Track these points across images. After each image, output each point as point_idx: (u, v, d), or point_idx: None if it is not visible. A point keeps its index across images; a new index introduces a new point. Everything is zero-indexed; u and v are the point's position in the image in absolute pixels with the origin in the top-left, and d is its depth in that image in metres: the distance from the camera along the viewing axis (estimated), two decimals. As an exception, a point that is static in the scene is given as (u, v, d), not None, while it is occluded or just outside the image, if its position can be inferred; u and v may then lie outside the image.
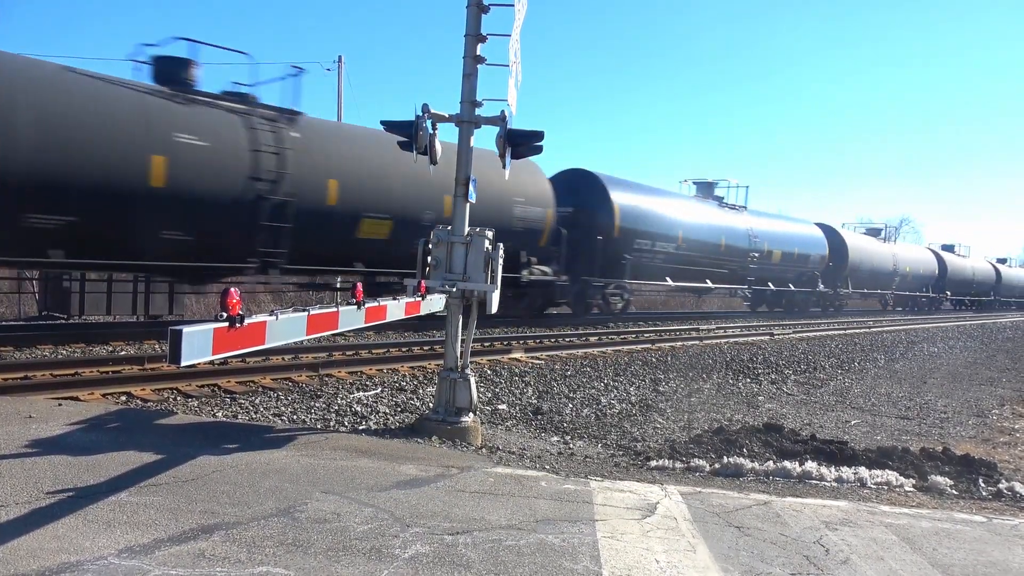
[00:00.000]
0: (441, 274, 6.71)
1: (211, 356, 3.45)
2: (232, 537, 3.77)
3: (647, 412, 9.21)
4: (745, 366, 13.87)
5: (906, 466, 6.44)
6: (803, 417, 9.60)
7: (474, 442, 6.54)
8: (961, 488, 6.03)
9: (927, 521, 4.94)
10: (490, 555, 3.76)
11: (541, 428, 7.93)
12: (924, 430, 9.22)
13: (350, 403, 8.15)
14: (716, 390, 11.30)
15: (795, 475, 6.05)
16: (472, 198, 6.79)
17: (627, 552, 3.95)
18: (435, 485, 4.95)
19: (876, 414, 10.18)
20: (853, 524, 4.73)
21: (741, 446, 6.91)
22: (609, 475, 5.75)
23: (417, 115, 6.52)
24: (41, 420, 5.95)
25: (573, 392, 10.06)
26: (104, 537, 3.65)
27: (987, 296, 53.80)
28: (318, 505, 4.35)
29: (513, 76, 6.71)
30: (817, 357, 16.13)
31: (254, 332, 3.76)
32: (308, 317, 4.33)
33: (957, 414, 10.53)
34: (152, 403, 7.60)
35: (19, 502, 4.07)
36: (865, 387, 12.63)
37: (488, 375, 10.62)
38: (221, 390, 8.36)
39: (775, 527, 4.56)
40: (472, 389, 6.72)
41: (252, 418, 7.28)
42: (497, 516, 4.38)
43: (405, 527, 4.08)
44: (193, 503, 4.23)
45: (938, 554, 4.27)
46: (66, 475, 4.59)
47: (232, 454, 5.33)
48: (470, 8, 6.59)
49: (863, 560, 4.09)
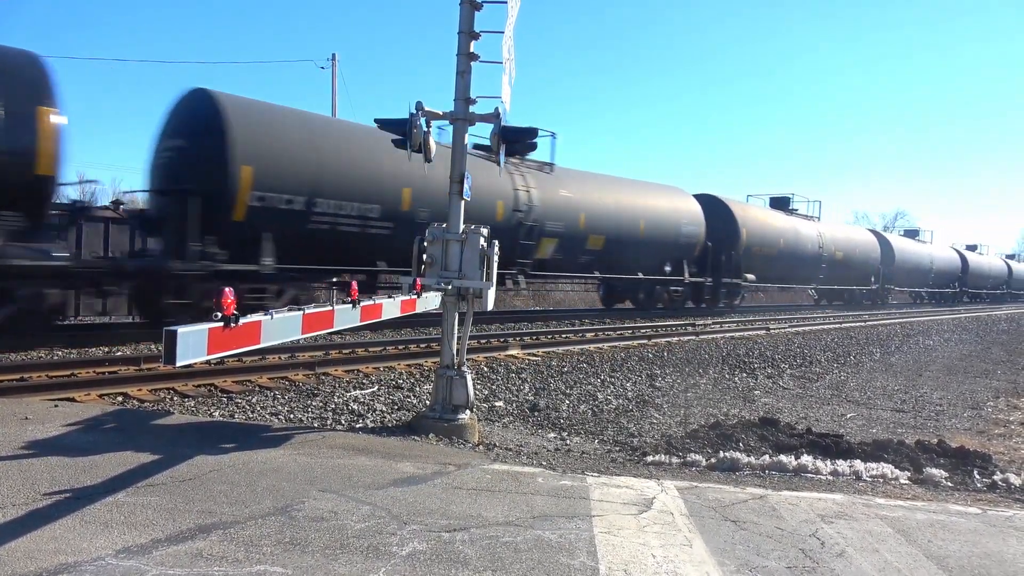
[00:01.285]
0: (437, 272, 6.71)
1: (206, 356, 3.46)
2: (230, 536, 3.78)
3: (643, 408, 9.24)
4: (741, 361, 13.91)
5: (901, 459, 6.47)
6: (799, 411, 9.64)
7: (471, 439, 6.55)
8: (956, 480, 6.06)
9: (922, 513, 4.96)
10: (487, 551, 3.78)
11: (538, 424, 7.95)
12: (920, 423, 9.26)
13: (347, 401, 8.16)
14: (712, 385, 11.33)
15: (791, 469, 6.07)
16: (467, 195, 6.79)
17: (624, 547, 3.96)
18: (432, 482, 4.96)
19: (872, 407, 10.22)
20: (848, 517, 4.75)
21: (737, 440, 6.93)
22: (606, 471, 5.77)
23: (411, 113, 6.52)
24: (37, 421, 5.95)
25: (570, 388, 10.08)
26: (102, 538, 3.66)
27: (1000, 290, 58.39)
28: (315, 504, 4.36)
29: (507, 73, 6.71)
30: (813, 351, 16.17)
31: (249, 332, 3.77)
32: (303, 316, 4.34)
33: (952, 407, 10.57)
34: (149, 403, 7.59)
35: (16, 504, 4.07)
36: (861, 380, 12.67)
37: (485, 372, 10.63)
38: (218, 390, 8.36)
39: (771, 521, 4.58)
40: (469, 386, 6.73)
41: (249, 417, 7.28)
42: (494, 513, 4.39)
43: (402, 524, 4.09)
44: (190, 503, 4.24)
45: (933, 546, 4.29)
46: (63, 476, 4.59)
47: (229, 453, 5.33)
48: (463, 5, 6.59)
49: (858, 552, 4.11)
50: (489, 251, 6.73)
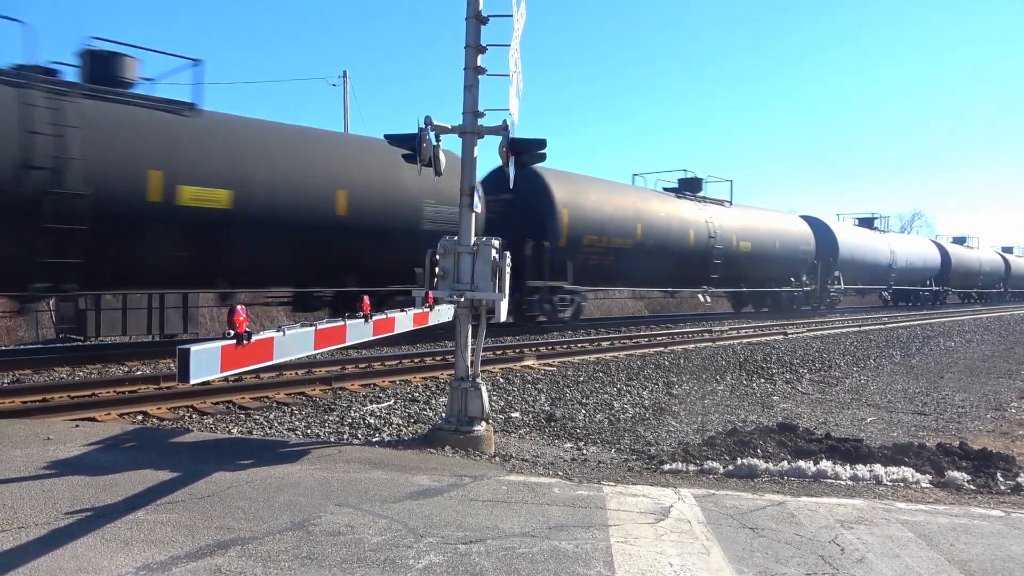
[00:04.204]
0: (449, 284, 6.74)
1: (219, 373, 3.50)
2: (248, 552, 3.81)
3: (660, 415, 9.19)
4: (759, 366, 13.81)
5: (922, 462, 6.39)
6: (818, 416, 9.55)
7: (487, 451, 6.55)
8: (979, 483, 5.97)
9: (944, 517, 4.90)
10: (504, 563, 3.78)
11: (554, 435, 7.93)
12: (941, 425, 9.14)
13: (363, 416, 8.19)
14: (730, 391, 11.26)
15: (810, 474, 6.02)
16: (477, 208, 6.82)
17: (641, 557, 3.95)
18: (448, 495, 4.97)
19: (892, 411, 10.10)
20: (869, 522, 4.70)
21: (755, 447, 6.88)
22: (622, 480, 5.75)
23: (420, 127, 6.57)
24: (59, 442, 6.03)
25: (586, 398, 10.05)
26: (122, 555, 3.70)
27: (996, 288, 51.38)
28: (332, 518, 4.38)
29: (514, 85, 6.75)
30: (832, 355, 16.03)
31: (262, 348, 3.81)
32: (315, 332, 4.38)
33: (975, 408, 10.43)
34: (168, 421, 7.67)
35: (39, 523, 4.13)
36: (881, 384, 12.54)
37: (501, 383, 10.64)
38: (236, 406, 8.43)
39: (790, 527, 4.54)
40: (484, 398, 6.74)
41: (266, 433, 7.33)
42: (510, 524, 4.39)
43: (419, 537, 4.10)
44: (209, 519, 4.28)
45: (955, 550, 4.24)
46: (84, 495, 4.64)
47: (247, 470, 5.38)
48: (469, 20, 6.64)
49: (879, 558, 4.06)
50: (501, 263, 6.74)
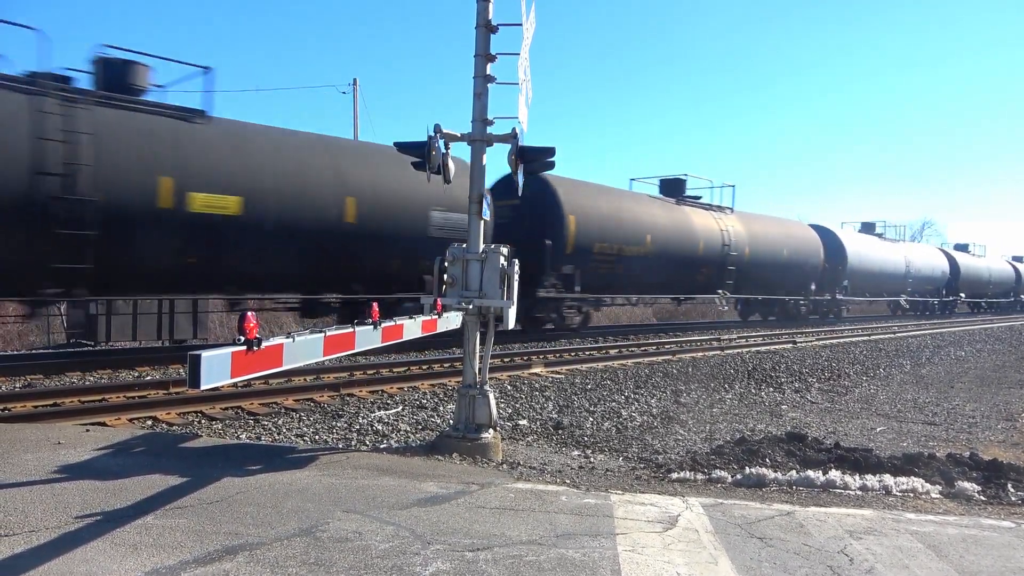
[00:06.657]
0: (458, 291, 6.76)
1: (229, 379, 3.52)
2: (256, 558, 3.82)
3: (668, 424, 9.17)
4: (768, 375, 13.76)
5: (932, 472, 6.35)
6: (827, 425, 9.51)
7: (494, 458, 6.55)
8: (989, 494, 5.93)
9: (953, 528, 4.87)
10: (510, 571, 3.78)
11: (562, 442, 7.93)
12: (951, 436, 9.09)
13: (371, 422, 8.21)
14: (738, 400, 11.23)
15: (818, 484, 5.99)
16: (486, 215, 6.85)
17: (648, 565, 3.94)
18: (455, 502, 4.98)
19: (902, 420, 10.05)
20: (878, 532, 4.68)
21: (763, 456, 6.85)
22: (630, 488, 5.74)
23: (429, 135, 6.60)
24: (70, 446, 6.07)
25: (594, 406, 10.04)
26: (131, 560, 3.72)
27: (1006, 298, 50.58)
28: (339, 524, 4.39)
29: (523, 94, 6.78)
30: (841, 364, 15.95)
31: (271, 355, 3.83)
32: (325, 338, 4.40)
33: (985, 418, 10.36)
34: (177, 427, 7.71)
35: (49, 527, 4.16)
36: (891, 393, 12.47)
37: (508, 391, 10.63)
38: (245, 412, 8.46)
39: (798, 537, 4.52)
40: (491, 405, 6.74)
41: (275, 439, 7.36)
42: (517, 531, 4.39)
43: (426, 544, 4.11)
44: (217, 524, 4.30)
45: (965, 561, 4.21)
46: (94, 500, 4.67)
47: (255, 475, 5.40)
48: (479, 29, 6.69)
49: (888, 569, 4.04)
50: (509, 270, 6.75)
